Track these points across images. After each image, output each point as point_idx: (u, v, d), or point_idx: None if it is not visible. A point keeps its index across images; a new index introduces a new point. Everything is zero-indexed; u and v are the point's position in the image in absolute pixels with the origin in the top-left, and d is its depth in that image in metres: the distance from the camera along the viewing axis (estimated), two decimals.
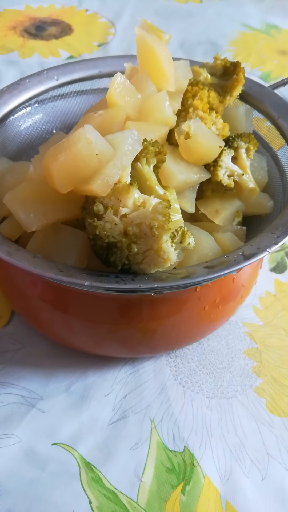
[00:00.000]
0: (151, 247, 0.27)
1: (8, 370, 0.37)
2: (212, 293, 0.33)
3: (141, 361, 0.38)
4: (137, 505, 0.31)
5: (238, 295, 0.36)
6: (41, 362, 0.38)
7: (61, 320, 0.34)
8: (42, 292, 0.33)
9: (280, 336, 0.41)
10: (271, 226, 0.32)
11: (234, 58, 0.74)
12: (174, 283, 0.28)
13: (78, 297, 0.32)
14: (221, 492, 0.32)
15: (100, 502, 0.31)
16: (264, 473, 0.33)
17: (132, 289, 0.27)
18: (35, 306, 0.34)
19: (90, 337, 0.34)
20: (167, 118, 0.34)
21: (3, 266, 0.34)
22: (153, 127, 0.33)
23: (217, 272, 0.28)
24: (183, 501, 0.32)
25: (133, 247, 0.28)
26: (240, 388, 0.37)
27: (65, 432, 0.34)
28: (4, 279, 0.35)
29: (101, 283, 0.27)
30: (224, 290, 0.34)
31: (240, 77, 0.39)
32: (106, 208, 0.28)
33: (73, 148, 0.28)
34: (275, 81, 0.69)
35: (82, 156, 0.27)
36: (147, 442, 0.34)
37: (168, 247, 0.27)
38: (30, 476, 0.32)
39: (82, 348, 0.37)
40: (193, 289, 0.32)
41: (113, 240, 0.28)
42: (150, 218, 0.27)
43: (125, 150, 0.28)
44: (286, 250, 0.48)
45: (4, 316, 0.41)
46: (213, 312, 0.35)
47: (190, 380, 0.38)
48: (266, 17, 0.87)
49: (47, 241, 0.31)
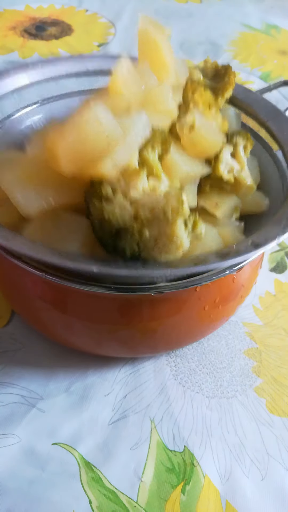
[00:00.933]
0: (164, 232, 0.26)
1: (8, 370, 0.37)
2: (212, 293, 0.33)
3: (141, 361, 0.38)
4: (137, 505, 0.31)
5: (238, 295, 0.36)
6: (41, 362, 0.38)
7: (60, 320, 0.34)
8: (42, 292, 0.33)
9: (280, 336, 0.41)
10: (274, 218, 0.32)
11: (234, 58, 0.75)
12: (187, 269, 0.26)
13: (78, 297, 0.32)
14: (221, 492, 0.32)
15: (100, 501, 0.31)
16: (264, 473, 0.33)
17: (143, 277, 0.26)
18: (35, 306, 0.34)
19: (90, 337, 0.34)
20: (170, 111, 0.33)
21: (1, 263, 0.34)
22: (157, 117, 0.32)
23: (231, 258, 0.27)
24: (183, 501, 0.32)
25: (145, 232, 0.26)
26: (240, 388, 0.37)
27: (65, 432, 0.34)
28: (2, 277, 0.35)
29: (110, 268, 0.25)
30: (224, 290, 0.34)
31: (231, 80, 0.39)
32: (115, 191, 0.27)
33: (82, 128, 0.26)
34: (275, 81, 0.69)
35: (92, 136, 0.26)
36: (147, 442, 0.34)
37: (182, 233, 0.26)
38: (30, 476, 0.32)
39: (82, 348, 0.37)
40: (193, 289, 0.32)
41: (123, 225, 0.26)
42: (163, 202, 0.26)
43: (135, 133, 0.27)
44: (286, 250, 0.48)
45: (4, 316, 0.41)
46: (213, 312, 0.35)
47: (190, 380, 0.38)
48: (266, 17, 0.87)
49: (46, 228, 0.29)
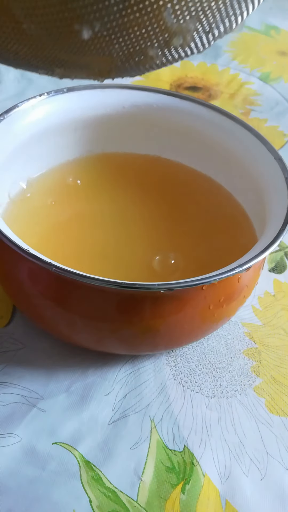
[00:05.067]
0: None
1: (8, 370, 0.37)
2: (218, 292, 0.33)
3: (141, 360, 0.39)
4: (137, 504, 0.31)
5: (241, 295, 0.36)
6: (42, 362, 0.38)
7: (62, 316, 0.34)
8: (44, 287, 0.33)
9: (280, 336, 0.41)
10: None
11: (234, 59, 0.75)
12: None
13: (81, 292, 0.32)
14: (221, 491, 0.32)
15: (100, 501, 0.31)
16: (264, 472, 0.33)
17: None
18: (36, 301, 0.34)
19: (91, 333, 0.35)
20: None
21: (2, 256, 0.34)
22: None
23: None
24: (183, 500, 0.32)
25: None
26: (239, 388, 0.38)
27: (65, 431, 0.34)
28: (4, 270, 0.35)
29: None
30: (229, 290, 0.34)
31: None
32: None
33: None
34: (274, 81, 0.70)
35: None
36: (147, 441, 0.34)
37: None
38: (31, 475, 0.32)
39: (82, 344, 0.37)
40: (200, 287, 0.32)
41: None
42: None
43: None
44: (285, 250, 0.49)
45: (5, 316, 0.41)
46: (217, 311, 0.35)
47: (190, 380, 0.38)
48: (265, 18, 0.87)
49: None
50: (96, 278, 0.28)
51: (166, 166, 0.46)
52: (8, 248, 0.30)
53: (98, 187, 0.43)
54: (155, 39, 0.17)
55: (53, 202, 0.42)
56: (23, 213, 0.40)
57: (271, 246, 0.31)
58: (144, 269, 0.38)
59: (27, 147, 0.40)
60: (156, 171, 0.46)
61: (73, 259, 0.37)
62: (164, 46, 0.17)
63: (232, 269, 0.30)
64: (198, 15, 0.16)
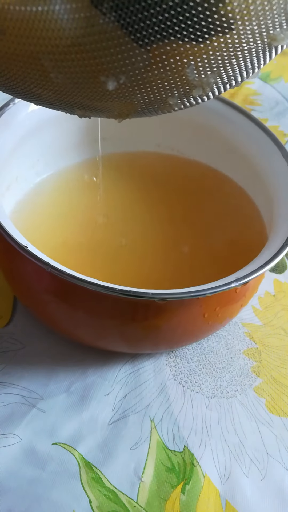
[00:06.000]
0: None
1: (8, 370, 0.37)
2: (212, 302, 0.33)
3: (141, 360, 0.39)
4: (137, 505, 0.31)
5: (238, 303, 0.36)
6: (42, 362, 0.38)
7: (62, 311, 0.34)
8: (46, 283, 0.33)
9: (280, 336, 0.41)
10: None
11: None
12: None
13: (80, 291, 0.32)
14: (221, 492, 0.32)
15: (100, 501, 0.31)
16: (264, 472, 0.33)
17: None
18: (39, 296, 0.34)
19: (92, 331, 0.35)
20: None
21: (8, 254, 0.34)
22: None
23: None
24: (183, 501, 0.32)
25: None
26: (239, 388, 0.38)
27: (65, 431, 0.34)
28: (8, 265, 0.35)
29: None
30: (225, 300, 0.34)
31: None
32: None
33: None
34: (274, 81, 0.70)
35: None
36: (147, 441, 0.34)
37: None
38: (30, 475, 0.32)
39: (82, 340, 0.37)
40: (196, 298, 0.32)
41: None
42: None
43: None
44: None
45: (5, 316, 0.41)
46: (221, 311, 0.35)
47: (190, 380, 0.38)
48: None
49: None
50: (91, 282, 0.28)
51: (179, 163, 0.46)
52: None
53: (109, 185, 0.44)
54: (176, 90, 0.18)
55: (65, 201, 0.42)
56: (33, 211, 0.40)
57: (270, 263, 0.30)
58: (158, 263, 0.38)
59: (34, 145, 0.40)
60: (168, 168, 0.46)
61: (85, 252, 0.37)
62: (183, 96, 0.18)
63: (229, 283, 0.29)
64: (219, 71, 0.17)
